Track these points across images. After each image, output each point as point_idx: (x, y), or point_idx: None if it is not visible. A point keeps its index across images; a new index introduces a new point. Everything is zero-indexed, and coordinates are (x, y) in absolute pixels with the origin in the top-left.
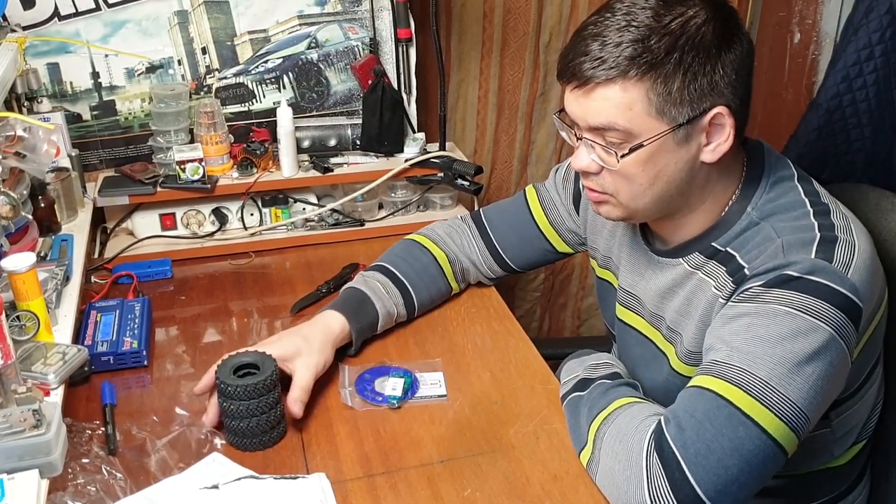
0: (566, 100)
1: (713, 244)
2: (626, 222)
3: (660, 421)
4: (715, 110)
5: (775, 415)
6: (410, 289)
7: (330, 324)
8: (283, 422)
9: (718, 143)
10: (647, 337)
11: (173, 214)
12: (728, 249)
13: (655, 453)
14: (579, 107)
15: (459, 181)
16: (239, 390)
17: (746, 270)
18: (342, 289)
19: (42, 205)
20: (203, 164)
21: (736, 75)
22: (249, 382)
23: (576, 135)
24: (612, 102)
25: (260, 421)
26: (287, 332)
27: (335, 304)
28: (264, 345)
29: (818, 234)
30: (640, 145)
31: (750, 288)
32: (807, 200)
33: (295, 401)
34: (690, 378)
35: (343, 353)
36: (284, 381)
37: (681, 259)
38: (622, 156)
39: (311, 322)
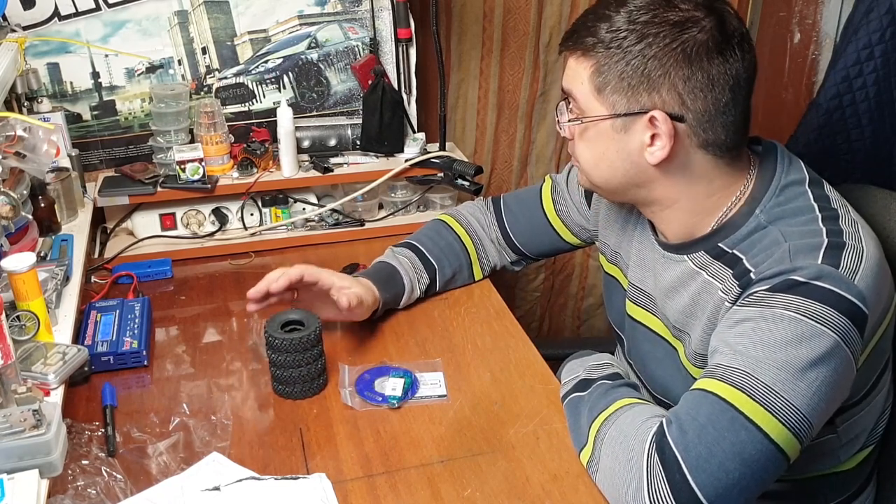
0: None
1: (720, 245)
2: (595, 193)
3: (661, 423)
4: (651, 112)
5: (778, 420)
6: (435, 265)
7: (371, 287)
8: (325, 375)
9: (656, 149)
10: (657, 334)
11: (173, 214)
12: (735, 252)
13: (656, 455)
14: (564, 70)
15: (459, 181)
16: (285, 343)
17: (753, 274)
18: (373, 262)
19: (42, 205)
20: (203, 164)
21: (690, 90)
22: (295, 336)
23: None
24: (572, 72)
25: (303, 371)
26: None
27: (367, 275)
28: (324, 270)
29: (826, 240)
30: (580, 120)
31: (756, 292)
32: (816, 206)
33: (343, 295)
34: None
35: (348, 348)
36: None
37: (685, 256)
38: (566, 121)
39: (357, 281)
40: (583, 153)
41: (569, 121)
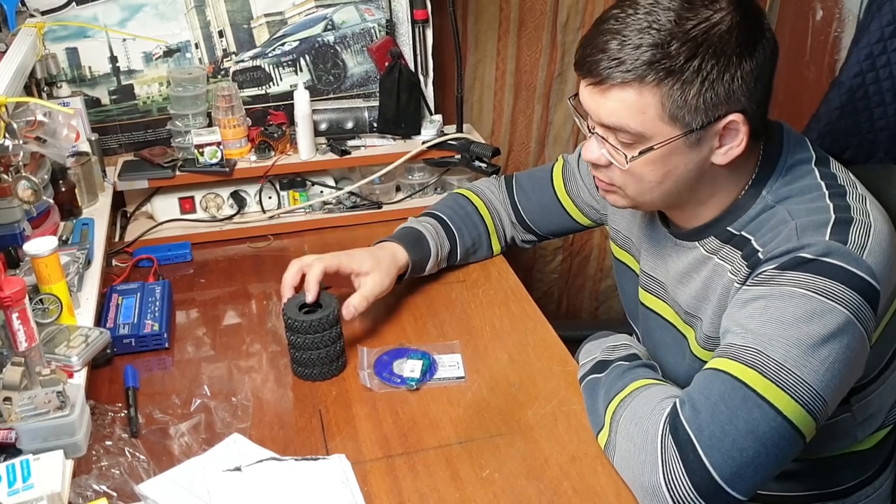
0: (581, 92)
1: (728, 228)
2: (633, 209)
3: (675, 403)
4: (730, 117)
5: (791, 397)
6: (456, 233)
7: (396, 254)
8: (343, 357)
9: (731, 147)
10: (669, 321)
11: (192, 198)
12: (743, 233)
13: (670, 436)
14: (593, 102)
15: (477, 163)
16: (304, 325)
17: (761, 254)
18: (398, 227)
19: (63, 189)
20: (221, 147)
21: (755, 82)
22: (314, 318)
23: (588, 126)
24: (626, 105)
25: (322, 353)
26: (361, 249)
27: (395, 238)
28: (342, 255)
29: (833, 216)
30: (651, 148)
31: (765, 271)
32: (823, 183)
33: (350, 304)
34: None
35: (366, 330)
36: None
37: (696, 243)
38: (632, 157)
39: (380, 247)
40: (643, 177)
41: (635, 156)
